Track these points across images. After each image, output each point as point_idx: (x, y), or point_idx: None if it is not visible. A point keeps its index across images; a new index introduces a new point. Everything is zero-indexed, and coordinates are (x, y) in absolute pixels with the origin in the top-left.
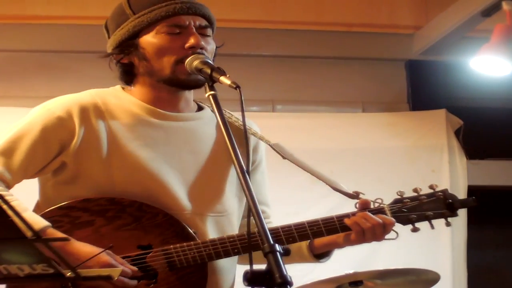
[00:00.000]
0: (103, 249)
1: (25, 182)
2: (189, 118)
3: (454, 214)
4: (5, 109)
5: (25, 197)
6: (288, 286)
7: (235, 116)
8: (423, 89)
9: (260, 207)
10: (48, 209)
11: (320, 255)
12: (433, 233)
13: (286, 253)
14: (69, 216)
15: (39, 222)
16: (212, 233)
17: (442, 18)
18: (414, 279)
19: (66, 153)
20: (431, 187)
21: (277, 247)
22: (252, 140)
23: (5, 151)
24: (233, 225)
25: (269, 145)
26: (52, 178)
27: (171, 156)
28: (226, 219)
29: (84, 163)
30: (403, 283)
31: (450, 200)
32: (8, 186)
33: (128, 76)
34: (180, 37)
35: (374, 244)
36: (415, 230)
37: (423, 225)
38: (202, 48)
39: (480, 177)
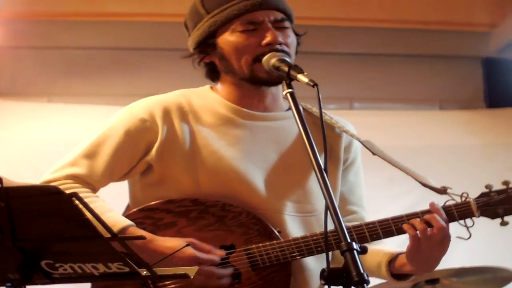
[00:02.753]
0: (185, 244)
1: (116, 186)
2: (275, 118)
3: None
4: (83, 107)
5: (116, 200)
6: (365, 285)
7: (329, 114)
8: (499, 87)
9: (352, 208)
10: (131, 211)
11: (399, 275)
12: (510, 230)
13: (363, 251)
14: (152, 217)
15: (121, 221)
16: (300, 234)
17: None
18: (490, 277)
19: (150, 155)
20: None
21: (354, 245)
22: (345, 139)
23: (89, 154)
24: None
25: (359, 141)
26: (140, 180)
27: (256, 155)
28: (315, 219)
29: (169, 164)
30: (479, 281)
31: None
32: (94, 189)
33: (213, 74)
34: (256, 33)
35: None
36: (503, 223)
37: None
38: (280, 44)
39: None
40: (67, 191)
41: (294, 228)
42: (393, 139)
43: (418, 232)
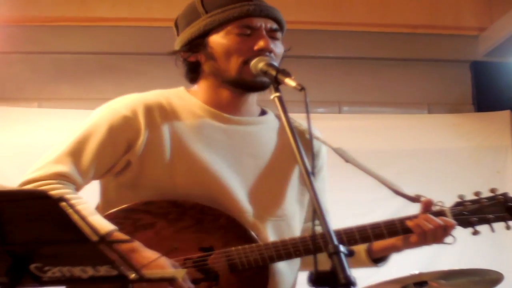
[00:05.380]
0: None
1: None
2: (251, 122)
3: None
4: (72, 111)
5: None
6: (352, 287)
7: (298, 121)
8: (487, 90)
9: None
10: (111, 211)
11: (377, 259)
12: (497, 233)
13: (350, 254)
14: (130, 218)
15: (106, 225)
16: (271, 237)
17: (507, 19)
18: (478, 279)
19: (132, 153)
20: (491, 190)
21: (342, 248)
22: (315, 146)
23: (73, 151)
24: (293, 230)
25: (332, 148)
26: (114, 180)
27: (232, 159)
28: (285, 223)
29: (148, 163)
30: (467, 283)
31: (510, 204)
32: (77, 188)
33: (194, 74)
34: (250, 38)
35: (438, 245)
36: (475, 233)
37: (485, 227)
38: (270, 52)
39: None
40: (52, 192)
41: (270, 232)
42: (382, 142)
43: (425, 230)
